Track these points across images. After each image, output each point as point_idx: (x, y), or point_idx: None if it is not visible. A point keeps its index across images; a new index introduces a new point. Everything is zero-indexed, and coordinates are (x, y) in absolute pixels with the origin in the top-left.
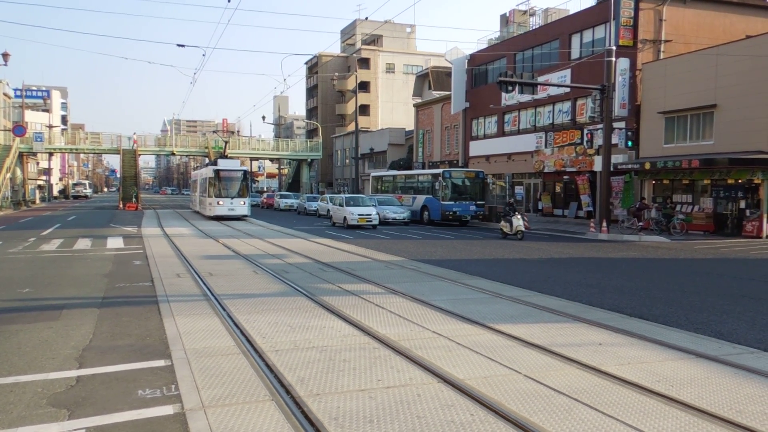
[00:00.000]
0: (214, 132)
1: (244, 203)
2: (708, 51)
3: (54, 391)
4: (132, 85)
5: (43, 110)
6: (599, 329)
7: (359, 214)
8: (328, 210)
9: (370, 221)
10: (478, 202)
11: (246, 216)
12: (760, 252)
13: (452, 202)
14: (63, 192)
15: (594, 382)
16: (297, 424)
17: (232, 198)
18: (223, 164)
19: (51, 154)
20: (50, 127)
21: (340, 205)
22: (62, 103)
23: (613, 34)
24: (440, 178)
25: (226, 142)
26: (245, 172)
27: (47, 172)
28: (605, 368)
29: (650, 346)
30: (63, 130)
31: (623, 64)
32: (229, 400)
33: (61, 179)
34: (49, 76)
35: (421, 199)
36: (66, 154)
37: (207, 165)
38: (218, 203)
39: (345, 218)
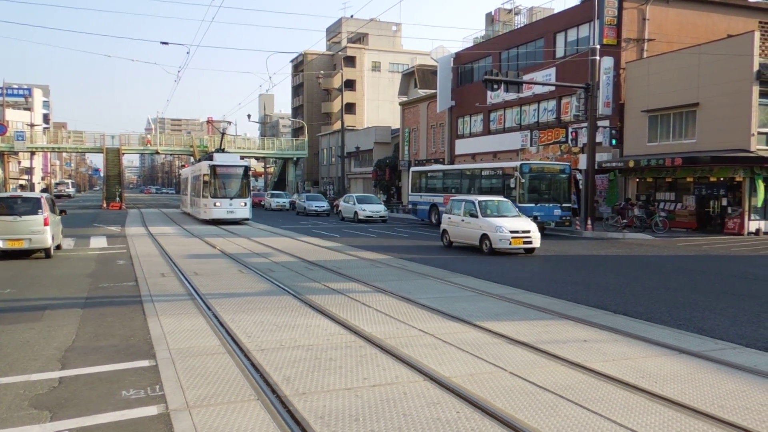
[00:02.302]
0: (207, 122)
1: (245, 204)
2: (690, 50)
3: (36, 393)
4: (115, 83)
5: (25, 109)
6: (584, 326)
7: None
8: (356, 212)
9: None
10: (564, 205)
11: (247, 219)
12: (741, 249)
13: (532, 205)
14: (45, 191)
15: (579, 378)
16: (283, 423)
17: (231, 198)
18: (220, 159)
19: (33, 153)
20: (32, 125)
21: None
22: (44, 101)
23: (597, 33)
24: (517, 174)
25: (223, 134)
26: (246, 168)
27: (29, 171)
28: (590, 365)
29: (634, 343)
30: (45, 128)
31: (607, 62)
32: (215, 400)
33: (43, 178)
34: (31, 74)
35: None
36: (48, 153)
37: (200, 160)
38: (215, 204)
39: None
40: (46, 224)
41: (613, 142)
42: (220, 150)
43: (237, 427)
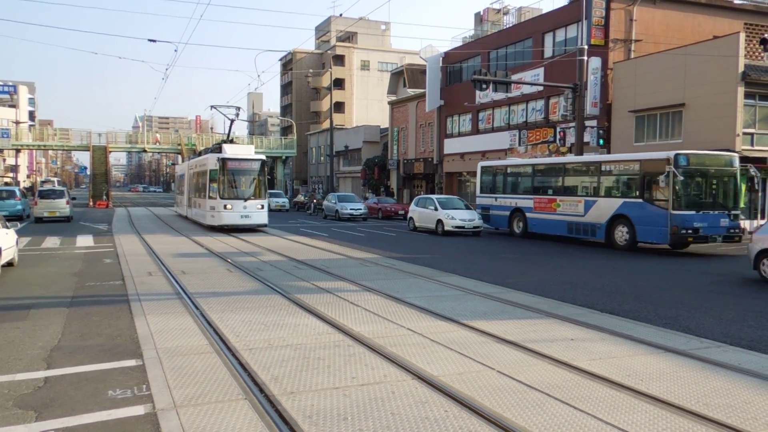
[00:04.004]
0: (211, 107)
1: (262, 207)
2: (677, 51)
3: (21, 393)
4: (102, 80)
5: (10, 106)
6: (571, 325)
7: None
8: (453, 217)
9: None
10: (734, 212)
11: (264, 225)
12: (725, 248)
13: (692, 212)
14: (31, 190)
15: (566, 377)
16: (271, 422)
17: (246, 200)
18: (231, 150)
19: (18, 151)
20: (17, 123)
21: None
22: (30, 98)
23: (585, 33)
24: (670, 169)
25: (232, 121)
26: (263, 163)
27: (14, 169)
28: (577, 363)
29: (621, 341)
30: (30, 126)
31: (595, 63)
32: (202, 400)
33: (28, 176)
34: (16, 71)
35: (611, 204)
36: (34, 151)
37: (205, 152)
38: (225, 207)
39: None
40: (67, 203)
41: (601, 142)
42: (229, 141)
43: (225, 426)
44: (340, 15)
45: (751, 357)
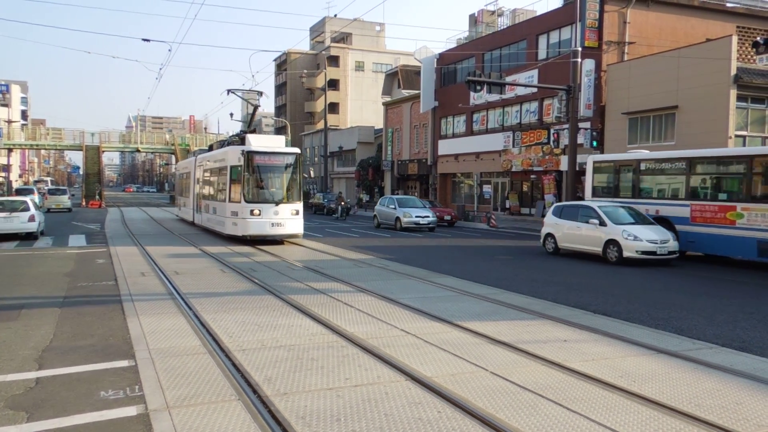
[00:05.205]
0: (228, 92)
1: (297, 212)
2: (670, 53)
3: (12, 394)
4: (95, 80)
5: (2, 105)
6: (564, 326)
7: None
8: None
9: None
10: None
11: (298, 234)
12: None
13: None
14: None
15: (559, 378)
16: (264, 423)
17: (278, 203)
18: (258, 142)
19: (10, 150)
20: (9, 122)
21: None
22: (22, 97)
23: (579, 35)
24: None
25: (255, 108)
26: (298, 157)
27: (6, 168)
28: (570, 364)
29: (613, 342)
30: (23, 125)
31: (588, 65)
32: (195, 400)
33: (21, 176)
34: (9, 70)
35: None
36: (26, 150)
37: (220, 146)
38: (252, 213)
39: None
40: (69, 198)
41: (594, 143)
42: (251, 131)
43: (217, 427)
44: (335, 16)
45: (743, 358)
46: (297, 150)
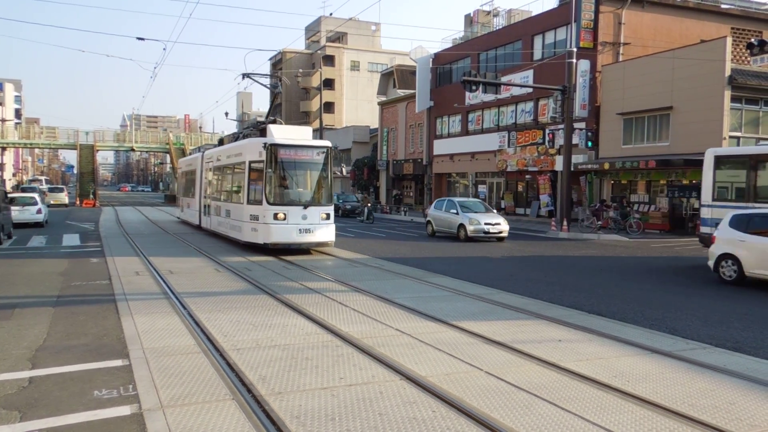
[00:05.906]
0: (243, 76)
1: (328, 216)
2: (664, 54)
3: (5, 393)
4: (90, 79)
5: None
6: (559, 326)
7: None
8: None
9: None
10: None
11: (330, 242)
12: None
13: None
14: (17, 189)
15: (553, 378)
16: (258, 423)
17: (306, 206)
18: (282, 134)
19: (4, 149)
20: (3, 120)
21: None
22: (16, 96)
23: (574, 36)
24: None
25: (276, 95)
26: (329, 152)
27: None
28: (564, 364)
29: (608, 343)
30: (17, 124)
31: (584, 65)
32: (189, 400)
33: (14, 175)
34: (2, 68)
35: None
36: (20, 149)
37: (232, 139)
38: (276, 216)
39: None
40: (66, 196)
41: (589, 144)
42: (271, 121)
43: (212, 427)
44: (330, 15)
45: (736, 358)
46: (328, 143)
